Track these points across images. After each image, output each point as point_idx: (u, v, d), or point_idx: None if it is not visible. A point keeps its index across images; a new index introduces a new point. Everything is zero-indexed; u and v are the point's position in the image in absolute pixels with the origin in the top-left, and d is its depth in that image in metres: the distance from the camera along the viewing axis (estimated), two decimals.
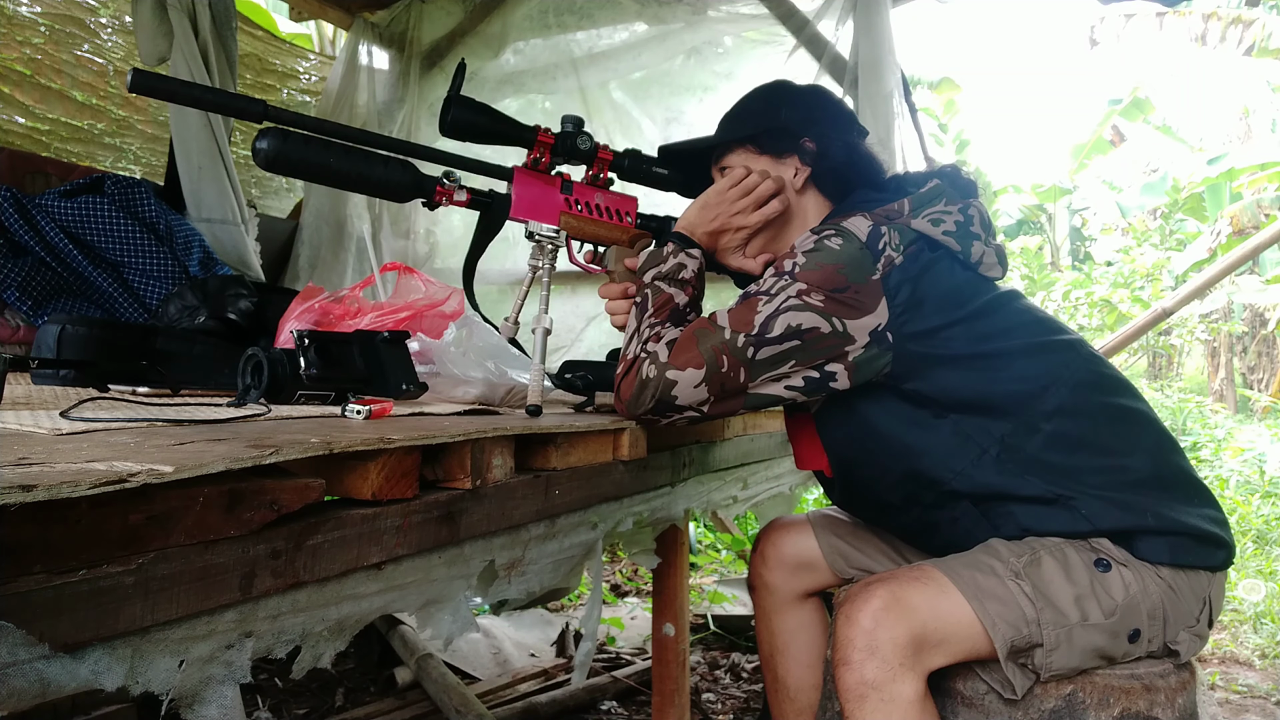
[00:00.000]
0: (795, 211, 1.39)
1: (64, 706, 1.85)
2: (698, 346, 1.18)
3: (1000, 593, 1.11)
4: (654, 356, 1.19)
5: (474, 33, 3.45)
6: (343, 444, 0.82)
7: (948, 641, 1.10)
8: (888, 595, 1.10)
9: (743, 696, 2.60)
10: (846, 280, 1.17)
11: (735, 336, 1.17)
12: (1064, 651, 1.11)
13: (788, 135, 1.37)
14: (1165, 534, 1.16)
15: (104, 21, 3.00)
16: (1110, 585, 1.14)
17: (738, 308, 1.20)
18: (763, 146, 1.38)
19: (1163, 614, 1.15)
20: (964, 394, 1.20)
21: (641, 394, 1.19)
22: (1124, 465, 1.19)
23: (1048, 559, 1.15)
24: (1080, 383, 1.22)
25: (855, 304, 1.17)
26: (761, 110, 1.41)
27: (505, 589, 1.18)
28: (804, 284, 1.17)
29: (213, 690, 0.76)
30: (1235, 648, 3.28)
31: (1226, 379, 11.74)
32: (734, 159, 1.40)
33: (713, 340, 1.18)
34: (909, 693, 1.06)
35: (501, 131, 1.34)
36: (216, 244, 2.53)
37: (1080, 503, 1.16)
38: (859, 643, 1.07)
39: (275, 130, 1.14)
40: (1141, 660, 1.18)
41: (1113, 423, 1.22)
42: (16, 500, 0.54)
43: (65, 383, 1.37)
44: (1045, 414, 1.19)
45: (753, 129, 1.39)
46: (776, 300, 1.17)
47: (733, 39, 3.15)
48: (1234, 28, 8.50)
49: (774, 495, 2.24)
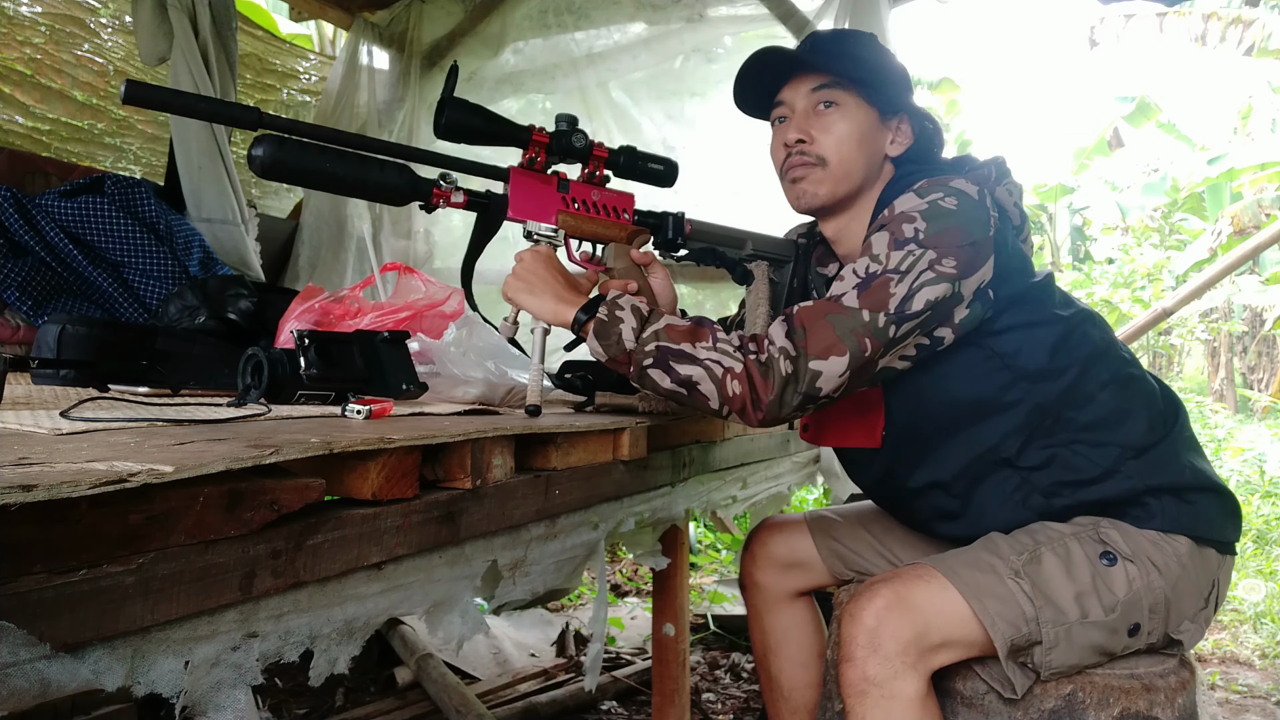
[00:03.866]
0: (880, 174, 1.34)
1: (64, 706, 1.85)
2: (835, 333, 1.09)
3: (1000, 591, 1.11)
4: (785, 352, 1.09)
5: (474, 33, 3.46)
6: (343, 444, 0.82)
7: (950, 640, 1.10)
8: (891, 594, 1.10)
9: (743, 696, 2.60)
10: (971, 237, 1.14)
11: (875, 317, 1.10)
12: (1063, 649, 1.11)
13: (897, 101, 1.32)
14: (1196, 490, 1.21)
15: (104, 21, 3.00)
16: (1113, 581, 1.14)
17: (869, 288, 1.11)
18: (873, 100, 1.31)
19: (1165, 606, 1.16)
20: (1035, 358, 1.22)
21: (786, 393, 1.08)
22: (1164, 431, 1.24)
23: (1049, 555, 1.16)
24: (1120, 357, 1.28)
25: (976, 260, 1.15)
26: (872, 60, 1.33)
27: (510, 589, 1.18)
28: (934, 251, 1.12)
29: (225, 694, 0.76)
30: (1235, 648, 3.28)
31: (1226, 379, 11.74)
32: (845, 96, 1.30)
33: (850, 324, 1.09)
34: (910, 690, 1.07)
35: (496, 132, 1.34)
36: (216, 244, 2.53)
37: (1126, 468, 1.20)
38: (862, 640, 1.08)
39: (270, 137, 1.14)
40: (1142, 657, 1.18)
41: (1150, 394, 1.28)
42: (16, 500, 0.54)
43: (65, 383, 1.37)
44: (1101, 383, 1.23)
45: (870, 76, 1.30)
46: (911, 276, 1.11)
47: (733, 39, 3.15)
48: (1234, 28, 8.50)
49: (773, 495, 2.25)
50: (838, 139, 1.30)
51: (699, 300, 3.02)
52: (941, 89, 12.03)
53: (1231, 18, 8.57)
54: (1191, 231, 10.95)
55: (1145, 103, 11.58)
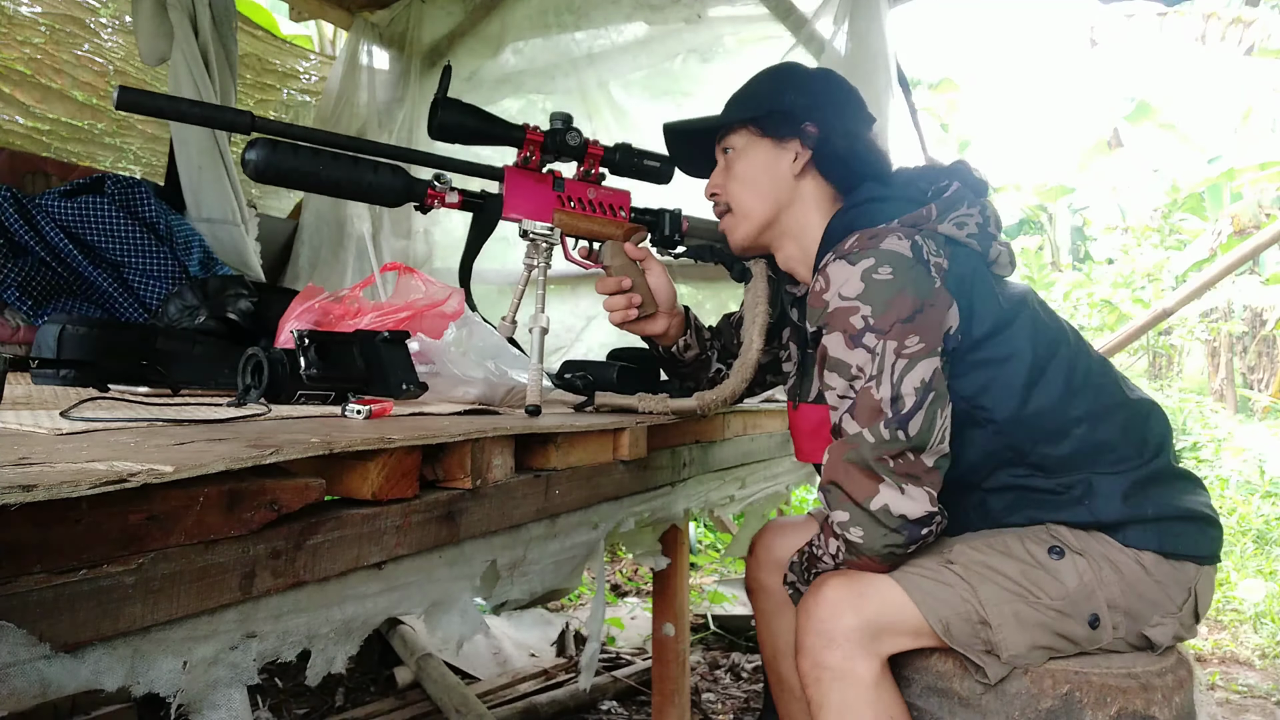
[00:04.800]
0: (795, 196, 1.37)
1: (64, 706, 1.85)
2: (859, 470, 1.10)
3: (933, 575, 1.15)
4: (844, 525, 1.12)
5: (473, 33, 3.46)
6: (343, 444, 0.82)
7: (896, 626, 1.13)
8: (840, 587, 1.14)
9: (743, 696, 2.61)
10: (919, 300, 1.13)
11: (879, 431, 1.09)
12: (1013, 629, 1.13)
13: (790, 119, 1.35)
14: (1159, 521, 1.18)
15: (104, 21, 3.00)
16: (1061, 572, 1.15)
17: (857, 407, 1.12)
18: (765, 129, 1.36)
19: (1126, 604, 1.16)
20: (1006, 402, 1.19)
21: (881, 546, 1.10)
22: (1134, 462, 1.21)
23: (985, 546, 1.19)
24: (1097, 386, 1.24)
25: (935, 319, 1.14)
26: (767, 92, 1.40)
27: (509, 589, 1.18)
28: (894, 340, 1.11)
29: (220, 693, 0.76)
30: (1235, 648, 3.28)
31: (1226, 379, 11.73)
32: (736, 140, 1.39)
33: (864, 453, 1.10)
34: (864, 671, 1.10)
35: (490, 131, 1.34)
36: (216, 244, 2.53)
37: (1088, 499, 1.19)
38: (813, 630, 1.12)
39: (263, 141, 1.14)
40: (1139, 655, 1.18)
41: (1127, 422, 1.24)
42: (16, 500, 0.54)
43: (65, 383, 1.37)
44: (1075, 419, 1.20)
45: (756, 110, 1.38)
46: (886, 374, 1.11)
47: (732, 39, 3.15)
48: (1234, 28, 8.51)
49: (771, 494, 2.25)
50: (737, 182, 1.38)
51: (699, 300, 3.02)
52: (941, 89, 12.04)
53: (1231, 18, 8.58)
54: (1191, 231, 10.95)
55: (1145, 103, 11.57)
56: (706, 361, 1.60)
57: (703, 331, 1.60)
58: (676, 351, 1.57)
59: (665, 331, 1.53)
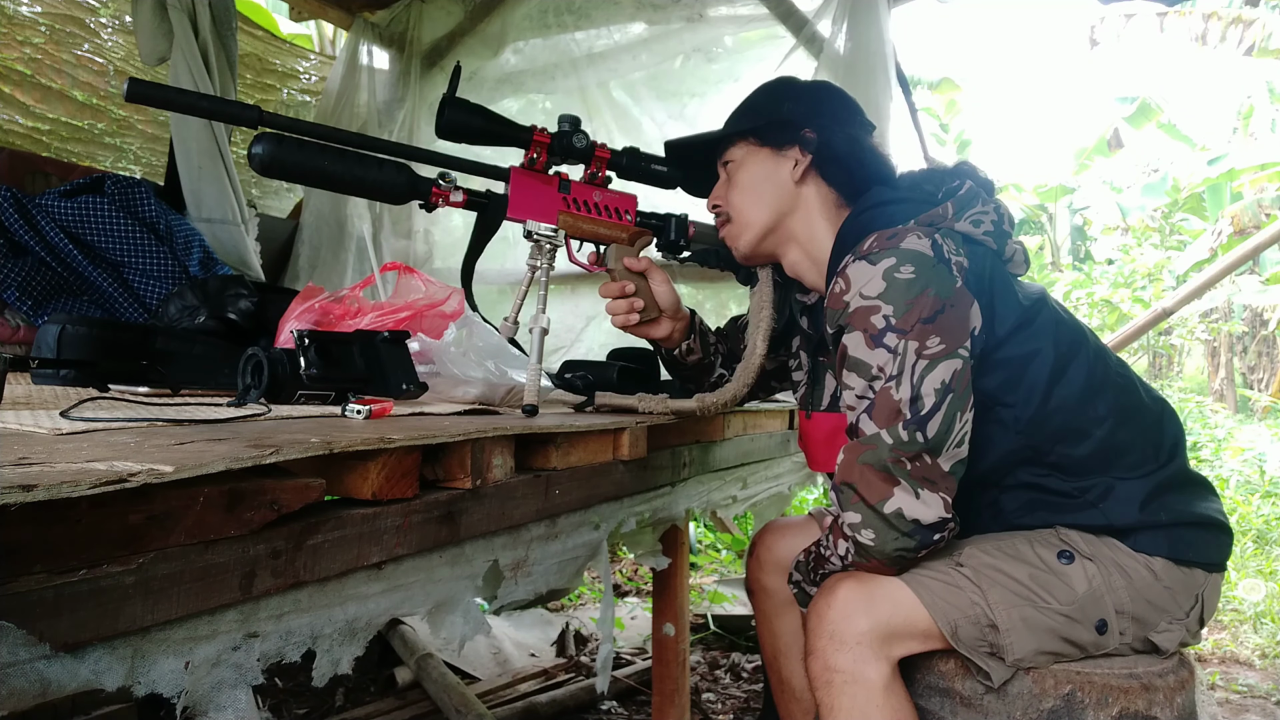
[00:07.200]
0: (797, 203, 1.36)
1: (64, 706, 1.85)
2: (874, 472, 1.08)
3: (943, 578, 1.14)
4: (855, 527, 1.10)
5: (474, 32, 3.46)
6: (343, 444, 0.82)
7: (907, 629, 1.13)
8: (851, 589, 1.13)
9: (743, 696, 2.60)
10: (942, 299, 1.10)
11: (897, 433, 1.08)
12: (1021, 633, 1.12)
13: (789, 127, 1.35)
14: (1172, 526, 1.17)
15: (104, 21, 2.99)
16: (1071, 577, 1.15)
17: (876, 407, 1.10)
18: (764, 139, 1.37)
19: (1134, 610, 1.16)
20: (1029, 403, 1.18)
21: (890, 549, 1.09)
22: (1151, 465, 1.20)
23: (995, 549, 1.18)
24: (1118, 386, 1.24)
25: (959, 319, 1.11)
26: (764, 104, 1.41)
27: (512, 590, 1.18)
28: (916, 340, 1.09)
29: (225, 695, 0.76)
30: (1235, 648, 3.28)
31: (1226, 379, 11.73)
32: (736, 152, 1.40)
33: (880, 454, 1.08)
34: (874, 675, 1.09)
35: (497, 132, 1.34)
36: (216, 244, 2.53)
37: (1103, 502, 1.18)
38: (823, 633, 1.11)
39: (269, 135, 1.14)
40: (1141, 656, 1.18)
41: (1145, 424, 1.24)
42: (16, 500, 0.54)
43: (65, 383, 1.37)
44: (1097, 419, 1.19)
45: (754, 122, 1.39)
46: (907, 375, 1.09)
47: (733, 39, 3.15)
48: (1234, 28, 8.51)
49: (773, 495, 2.25)
50: (738, 192, 1.39)
51: (699, 300, 3.02)
52: (941, 89, 12.04)
53: (1231, 18, 8.58)
54: (1191, 231, 10.96)
55: (1145, 103, 11.58)
56: (709, 366, 1.60)
57: (708, 335, 1.60)
58: (679, 355, 1.57)
59: (668, 335, 1.53)
